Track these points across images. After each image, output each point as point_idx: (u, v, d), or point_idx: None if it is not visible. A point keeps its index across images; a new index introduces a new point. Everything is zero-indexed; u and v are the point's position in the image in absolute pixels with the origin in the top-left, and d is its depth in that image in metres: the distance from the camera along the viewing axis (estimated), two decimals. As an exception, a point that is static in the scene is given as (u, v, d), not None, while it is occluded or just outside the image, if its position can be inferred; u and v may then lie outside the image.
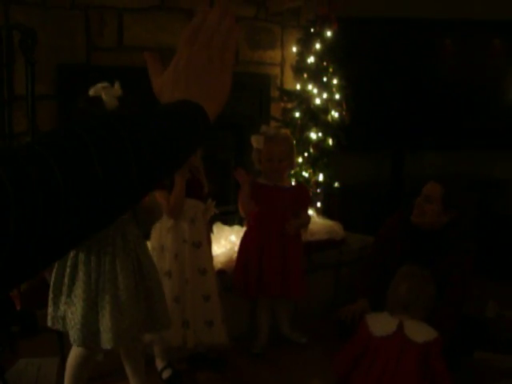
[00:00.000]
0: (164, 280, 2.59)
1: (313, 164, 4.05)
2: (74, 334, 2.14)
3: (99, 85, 2.19)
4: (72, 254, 2.14)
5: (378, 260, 2.98)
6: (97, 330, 2.15)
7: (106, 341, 2.13)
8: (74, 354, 2.29)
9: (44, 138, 0.59)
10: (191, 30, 0.85)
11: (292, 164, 3.21)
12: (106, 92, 2.16)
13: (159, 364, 2.84)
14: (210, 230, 3.04)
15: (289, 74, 4.23)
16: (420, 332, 2.32)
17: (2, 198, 0.50)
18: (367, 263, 3.10)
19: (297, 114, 4.08)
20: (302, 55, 4.08)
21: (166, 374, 2.81)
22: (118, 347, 2.27)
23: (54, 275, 2.19)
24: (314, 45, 4.01)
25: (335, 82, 4.06)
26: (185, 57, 0.84)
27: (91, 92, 2.19)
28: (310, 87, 4.03)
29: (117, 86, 2.22)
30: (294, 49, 4.15)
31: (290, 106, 4.16)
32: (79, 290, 2.14)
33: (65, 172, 0.55)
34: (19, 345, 1.59)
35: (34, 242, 0.53)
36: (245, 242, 3.16)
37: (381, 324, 2.36)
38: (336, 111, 4.08)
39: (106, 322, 2.13)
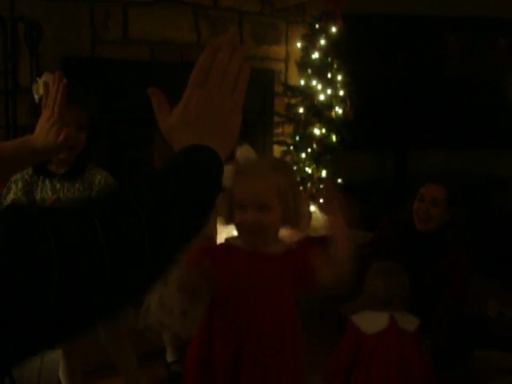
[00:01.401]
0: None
1: (316, 160, 4.05)
2: None
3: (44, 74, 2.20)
4: None
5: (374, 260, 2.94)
6: None
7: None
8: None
9: (100, 205, 0.60)
10: (200, 70, 0.83)
11: (289, 214, 1.75)
12: (35, 85, 2.10)
13: (170, 357, 2.86)
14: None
15: (293, 69, 4.22)
16: (409, 321, 2.37)
17: (47, 264, 0.50)
18: (364, 264, 3.09)
19: (300, 110, 4.07)
20: (307, 51, 4.08)
21: (174, 368, 2.83)
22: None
23: None
24: (319, 41, 4.00)
25: (339, 78, 4.06)
26: (195, 98, 0.82)
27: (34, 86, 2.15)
28: (314, 83, 4.02)
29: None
30: (299, 44, 4.15)
31: (293, 101, 4.15)
32: None
33: (116, 249, 0.56)
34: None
35: (72, 310, 0.53)
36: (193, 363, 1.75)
37: (371, 321, 2.37)
38: (340, 107, 4.07)
39: None
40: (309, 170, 4.06)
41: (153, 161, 2.63)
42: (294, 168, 4.04)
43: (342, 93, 4.07)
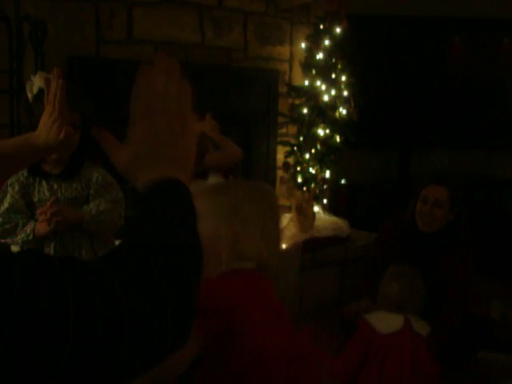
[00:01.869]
0: None
1: (320, 160, 4.05)
2: None
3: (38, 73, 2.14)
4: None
5: (379, 262, 2.94)
6: None
7: None
8: None
9: (120, 264, 0.60)
10: (138, 100, 0.79)
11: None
12: (29, 84, 2.11)
13: None
14: None
15: (297, 70, 4.22)
16: (422, 326, 2.40)
17: (63, 319, 0.50)
18: (368, 265, 3.09)
19: (305, 110, 4.07)
20: (311, 51, 4.08)
21: None
22: None
23: None
24: (323, 41, 4.00)
25: (344, 78, 4.05)
26: (140, 132, 0.78)
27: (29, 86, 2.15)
28: (318, 83, 4.02)
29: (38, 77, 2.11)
30: (303, 45, 4.15)
31: (297, 101, 4.15)
32: None
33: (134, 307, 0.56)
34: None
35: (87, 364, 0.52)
36: None
37: (385, 321, 2.38)
38: (344, 108, 4.07)
39: None
40: (312, 171, 4.06)
41: None
42: (298, 169, 4.04)
43: (346, 93, 4.07)
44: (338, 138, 4.08)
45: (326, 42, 4.00)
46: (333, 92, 4.03)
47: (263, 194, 1.43)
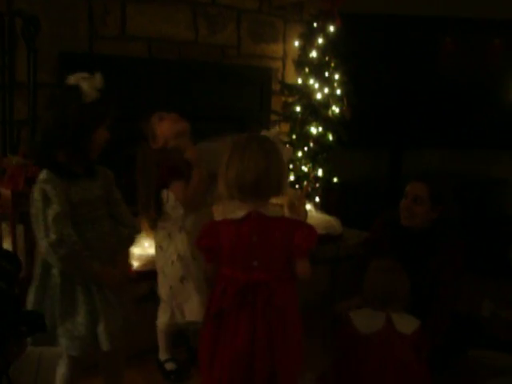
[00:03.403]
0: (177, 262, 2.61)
1: (312, 159, 4.05)
2: (74, 345, 2.07)
3: (79, 74, 2.08)
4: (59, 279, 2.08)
5: (368, 261, 2.93)
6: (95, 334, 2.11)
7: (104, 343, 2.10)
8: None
9: None
10: None
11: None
12: (86, 82, 2.05)
13: (163, 355, 2.85)
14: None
15: (290, 68, 4.23)
16: (407, 323, 2.36)
17: None
18: (359, 264, 3.10)
19: (297, 109, 4.07)
20: (304, 49, 4.08)
21: (169, 366, 2.82)
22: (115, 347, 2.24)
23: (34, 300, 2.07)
24: (317, 39, 4.01)
25: (337, 77, 4.06)
26: None
27: (70, 80, 2.08)
28: (311, 82, 4.02)
29: (98, 77, 2.11)
30: (297, 43, 4.15)
31: (290, 100, 4.16)
32: (80, 300, 2.08)
33: None
34: (26, 341, 1.58)
35: None
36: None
37: (367, 321, 2.36)
38: (337, 106, 4.08)
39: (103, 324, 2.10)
40: (305, 169, 4.07)
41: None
42: (290, 166, 4.04)
43: (338, 92, 4.07)
44: (330, 137, 4.09)
45: (320, 41, 4.00)
46: (326, 90, 4.03)
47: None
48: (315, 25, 4.03)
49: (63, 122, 2.00)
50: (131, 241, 2.31)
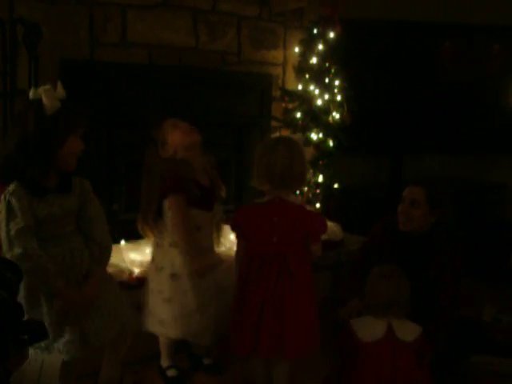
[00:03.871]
0: (173, 280, 2.59)
1: (313, 165, 4.06)
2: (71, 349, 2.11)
3: (41, 87, 2.05)
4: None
5: (366, 265, 2.92)
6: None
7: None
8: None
9: None
10: None
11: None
12: (46, 95, 2.01)
13: (164, 362, 2.84)
14: (219, 234, 2.85)
15: (291, 74, 4.23)
16: (408, 330, 2.34)
17: None
18: (355, 267, 3.10)
19: (298, 115, 4.08)
20: (305, 56, 4.09)
21: (171, 373, 2.81)
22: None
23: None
24: (317, 45, 4.02)
25: (337, 83, 4.07)
26: None
27: (30, 95, 2.06)
28: (311, 88, 4.03)
29: (59, 87, 2.08)
30: (297, 49, 4.16)
31: (291, 106, 4.16)
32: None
33: None
34: (27, 350, 1.59)
35: None
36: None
37: (368, 328, 2.35)
38: (337, 112, 4.08)
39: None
40: (306, 175, 4.06)
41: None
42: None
43: (339, 98, 4.08)
44: (331, 143, 4.09)
45: (320, 47, 4.02)
46: (326, 96, 4.04)
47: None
48: (315, 31, 4.04)
49: (25, 138, 1.99)
50: (103, 259, 2.27)
